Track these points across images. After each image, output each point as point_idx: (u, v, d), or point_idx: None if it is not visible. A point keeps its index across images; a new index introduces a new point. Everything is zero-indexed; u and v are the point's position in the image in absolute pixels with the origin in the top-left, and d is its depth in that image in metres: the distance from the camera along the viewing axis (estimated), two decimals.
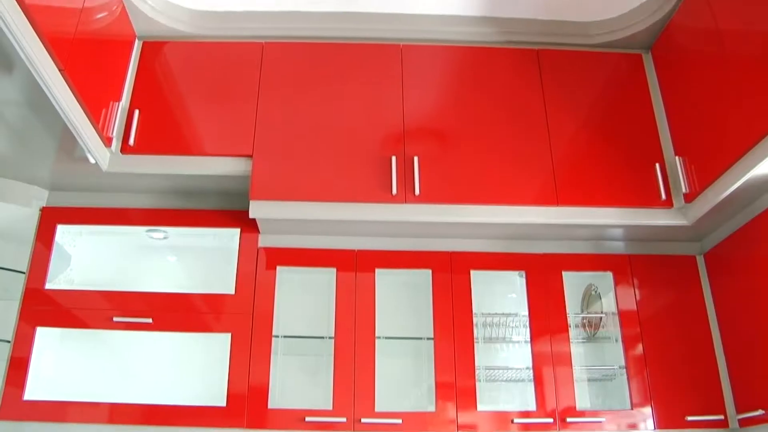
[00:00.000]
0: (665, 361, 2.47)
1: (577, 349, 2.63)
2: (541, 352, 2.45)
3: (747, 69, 2.14)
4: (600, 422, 2.37)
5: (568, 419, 2.35)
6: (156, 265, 2.85)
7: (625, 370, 2.47)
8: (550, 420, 2.35)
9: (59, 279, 2.64)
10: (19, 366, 2.37)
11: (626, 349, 2.49)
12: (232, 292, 2.47)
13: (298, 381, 2.63)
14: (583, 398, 2.55)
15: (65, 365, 2.62)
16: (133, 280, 2.72)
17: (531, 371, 2.44)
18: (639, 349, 2.48)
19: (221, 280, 2.55)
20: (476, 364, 2.41)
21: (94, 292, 2.51)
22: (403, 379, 2.66)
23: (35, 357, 2.42)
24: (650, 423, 2.38)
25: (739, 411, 2.38)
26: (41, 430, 2.32)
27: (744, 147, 2.13)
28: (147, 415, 2.31)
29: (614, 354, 2.57)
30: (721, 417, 2.40)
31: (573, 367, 2.45)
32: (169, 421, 2.31)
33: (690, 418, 2.38)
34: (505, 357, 2.72)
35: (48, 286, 2.49)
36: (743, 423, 2.36)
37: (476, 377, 2.40)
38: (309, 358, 2.64)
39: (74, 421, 2.32)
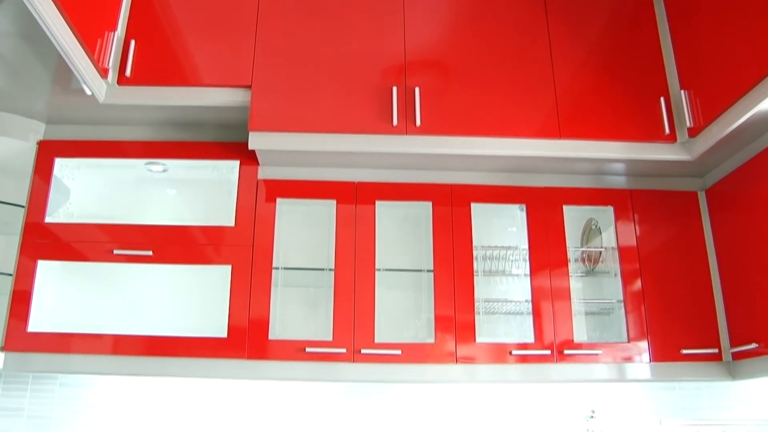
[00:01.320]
0: (663, 296, 2.49)
1: (576, 283, 2.64)
2: (540, 286, 2.46)
3: (756, 2, 2.09)
4: (597, 354, 2.40)
5: (566, 351, 2.38)
6: (155, 198, 2.84)
7: (622, 304, 2.49)
8: (548, 352, 2.38)
9: (59, 213, 2.63)
10: (21, 299, 2.38)
11: (625, 284, 2.51)
12: (232, 225, 2.47)
13: (299, 312, 2.66)
14: (580, 331, 2.58)
15: (67, 298, 2.64)
16: (133, 213, 2.72)
17: (530, 304, 2.46)
18: (637, 283, 2.50)
19: (221, 213, 2.55)
20: (475, 296, 2.43)
21: (93, 225, 2.50)
22: (402, 311, 2.69)
23: (37, 290, 2.43)
24: (646, 356, 2.41)
25: (733, 345, 2.41)
26: (46, 361, 2.35)
27: (751, 81, 2.10)
28: (149, 346, 2.34)
29: (612, 288, 2.59)
30: (716, 350, 2.43)
31: (571, 301, 2.47)
32: (171, 351, 2.34)
33: (685, 351, 2.41)
34: (505, 290, 2.74)
35: (48, 219, 2.49)
36: (736, 356, 2.40)
37: (475, 310, 2.42)
38: (309, 289, 2.66)
39: (78, 351, 2.34)
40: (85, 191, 2.75)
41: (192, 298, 2.68)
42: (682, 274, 2.52)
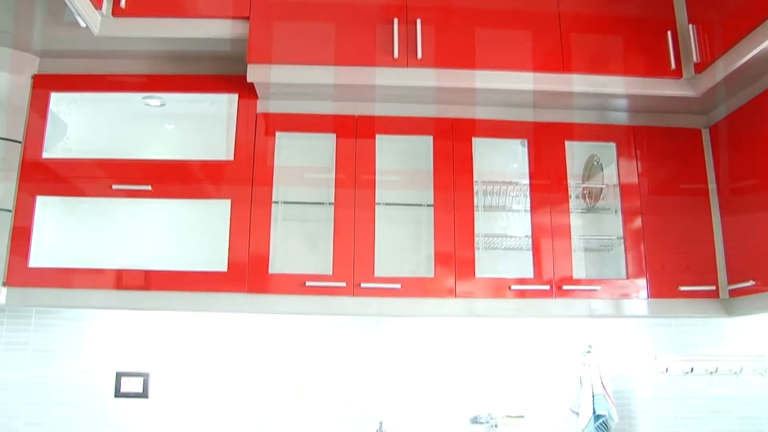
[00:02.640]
0: (663, 234, 2.49)
1: (576, 220, 2.64)
2: (541, 222, 2.46)
3: None
4: (595, 290, 2.42)
5: (564, 287, 2.40)
6: (153, 132, 2.82)
7: (622, 241, 2.50)
8: (547, 287, 2.39)
9: (56, 148, 2.61)
10: (21, 235, 2.39)
11: (625, 221, 2.51)
12: (231, 159, 2.45)
13: (298, 247, 2.67)
14: (579, 267, 2.59)
15: (68, 234, 2.65)
16: (131, 148, 2.69)
17: (530, 240, 2.46)
18: (638, 221, 2.50)
19: (220, 147, 2.52)
20: (475, 231, 2.43)
21: (91, 160, 2.48)
22: (402, 245, 2.70)
23: (37, 226, 2.44)
24: (644, 293, 2.44)
25: (730, 282, 2.44)
26: (48, 296, 2.37)
27: (759, 18, 2.06)
28: (150, 280, 2.35)
29: (613, 225, 2.59)
30: (713, 287, 2.45)
31: (571, 237, 2.47)
32: (172, 285, 2.36)
33: (683, 288, 2.43)
34: (505, 226, 2.74)
35: (45, 155, 2.47)
36: (733, 293, 2.42)
37: (475, 245, 2.42)
38: (309, 224, 2.66)
39: (80, 286, 2.36)
40: (82, 127, 2.72)
41: (192, 233, 2.68)
42: (682, 211, 2.52)
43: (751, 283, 2.29)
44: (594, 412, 2.55)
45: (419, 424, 2.66)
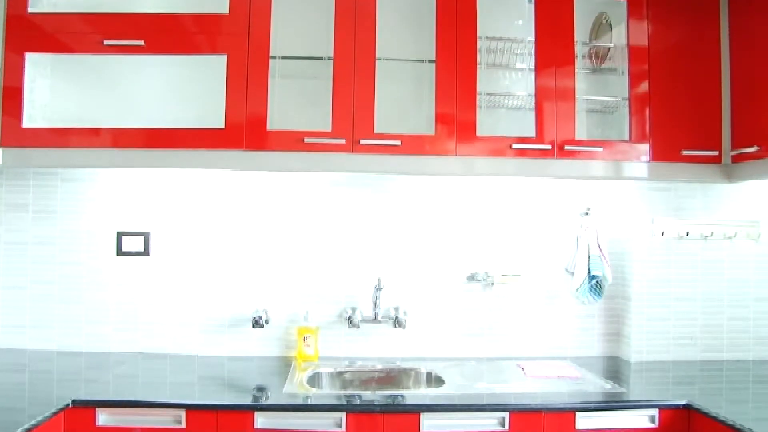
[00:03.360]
0: (669, 97, 2.44)
1: (581, 80, 2.57)
2: (545, 80, 2.40)
3: None
4: (597, 152, 2.39)
5: (566, 147, 2.37)
6: None
7: (627, 102, 2.45)
8: (548, 147, 2.37)
9: (42, 2, 2.49)
10: (12, 95, 2.33)
11: (631, 83, 2.45)
12: (227, 12, 2.34)
13: (297, 103, 2.61)
14: (582, 128, 2.56)
15: (62, 93, 2.59)
16: (121, 1, 2.57)
17: (533, 99, 2.41)
18: (644, 83, 2.44)
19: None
20: (478, 89, 2.37)
21: (80, 15, 2.37)
22: (403, 102, 2.65)
23: (29, 85, 2.38)
24: (645, 155, 2.42)
25: (734, 147, 2.41)
26: (45, 156, 2.34)
27: None
28: (147, 139, 2.32)
29: (618, 87, 2.52)
30: (716, 152, 2.43)
31: (575, 98, 2.41)
32: (169, 143, 2.32)
33: (685, 152, 2.41)
34: (508, 84, 2.69)
35: (31, 10, 2.35)
36: (736, 159, 2.40)
37: (477, 103, 2.37)
38: (307, 80, 2.58)
39: (76, 146, 2.34)
40: None
41: (189, 91, 2.61)
42: (691, 75, 2.45)
43: (755, 148, 2.27)
44: (589, 273, 2.60)
45: (417, 281, 2.74)
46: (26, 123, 2.34)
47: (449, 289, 2.75)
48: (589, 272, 2.60)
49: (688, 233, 2.68)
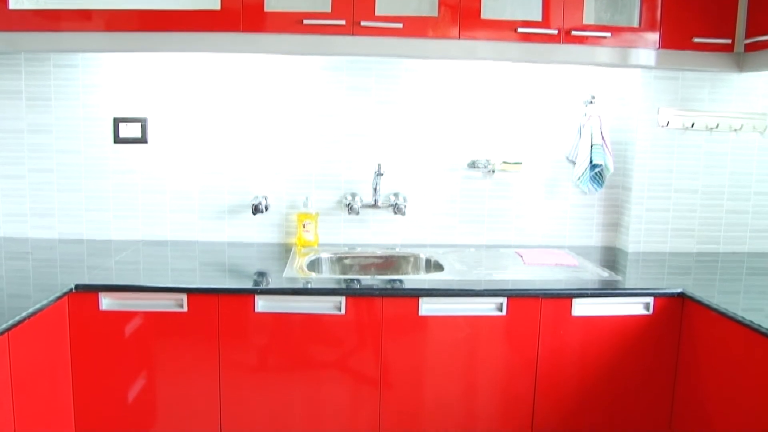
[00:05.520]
0: None
1: None
2: None
3: None
4: (605, 38, 2.31)
5: (573, 32, 2.29)
6: None
7: None
8: (555, 32, 2.28)
9: None
10: None
11: None
12: None
13: None
14: (590, 13, 2.45)
15: None
16: None
17: None
18: None
19: None
20: None
21: None
22: None
23: None
24: (655, 42, 2.33)
25: (748, 35, 2.33)
26: (35, 40, 2.26)
27: None
28: (141, 21, 2.23)
29: None
30: (729, 41, 2.35)
31: None
32: (164, 26, 2.24)
33: (696, 40, 2.33)
34: None
35: None
36: (749, 48, 2.33)
37: None
38: None
39: (67, 29, 2.25)
40: None
41: None
42: None
43: None
44: (590, 162, 2.58)
45: (418, 167, 2.73)
46: (13, 5, 2.24)
47: (450, 176, 2.74)
48: (590, 161, 2.58)
49: (693, 124, 2.63)
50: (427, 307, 2.06)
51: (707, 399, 1.97)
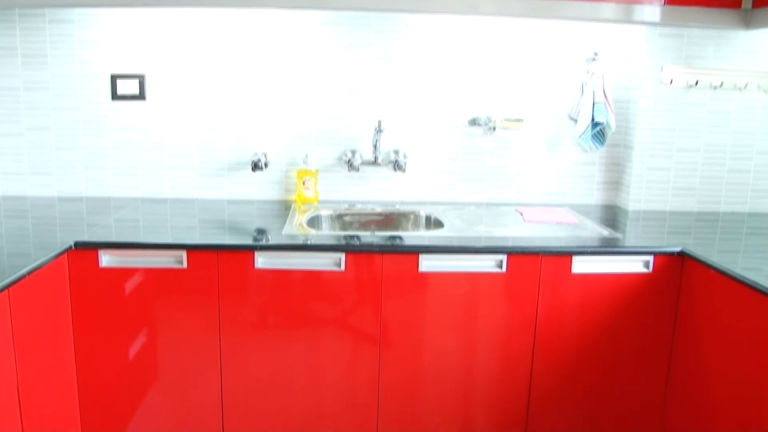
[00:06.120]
0: None
1: None
2: None
3: None
4: None
5: None
6: None
7: None
8: None
9: None
10: None
11: None
12: None
13: None
14: None
15: None
16: None
17: None
18: None
19: None
20: None
21: None
22: None
23: None
24: None
25: None
26: None
27: None
28: None
29: None
30: None
31: None
32: None
33: None
34: None
35: None
36: (757, 3, 2.30)
37: None
38: None
39: None
40: None
41: None
42: None
43: None
44: (592, 120, 2.56)
45: (418, 124, 2.71)
46: None
47: (450, 133, 2.72)
48: (592, 119, 2.55)
49: (697, 83, 2.60)
50: (427, 263, 2.06)
51: (705, 357, 1.98)
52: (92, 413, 2.09)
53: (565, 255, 2.08)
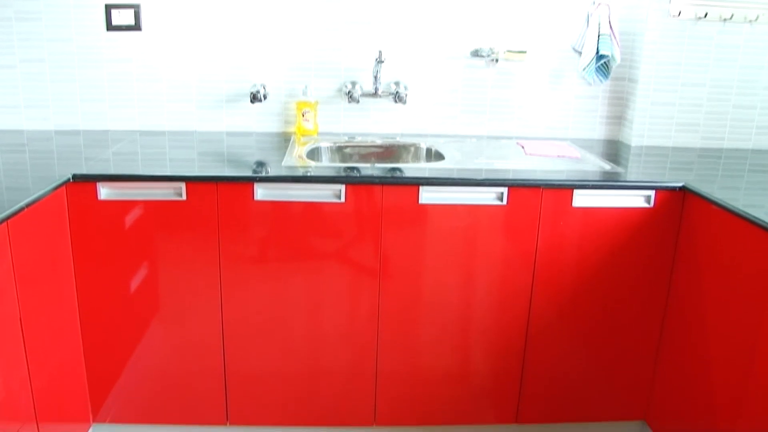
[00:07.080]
0: None
1: None
2: None
3: None
4: None
5: None
6: None
7: None
8: None
9: None
10: None
11: None
12: None
13: None
14: None
15: None
16: None
17: None
18: None
19: None
20: None
21: None
22: None
23: None
24: None
25: None
26: None
27: None
28: None
29: None
30: None
31: None
32: None
33: None
34: None
35: None
36: None
37: None
38: None
39: None
40: None
41: None
42: None
43: None
44: (597, 52, 2.51)
45: (419, 54, 2.66)
46: None
47: (452, 64, 2.67)
48: (597, 52, 2.50)
49: (706, 14, 2.53)
50: (427, 195, 2.05)
51: (703, 292, 1.99)
52: (95, 343, 2.12)
53: (566, 188, 2.07)
